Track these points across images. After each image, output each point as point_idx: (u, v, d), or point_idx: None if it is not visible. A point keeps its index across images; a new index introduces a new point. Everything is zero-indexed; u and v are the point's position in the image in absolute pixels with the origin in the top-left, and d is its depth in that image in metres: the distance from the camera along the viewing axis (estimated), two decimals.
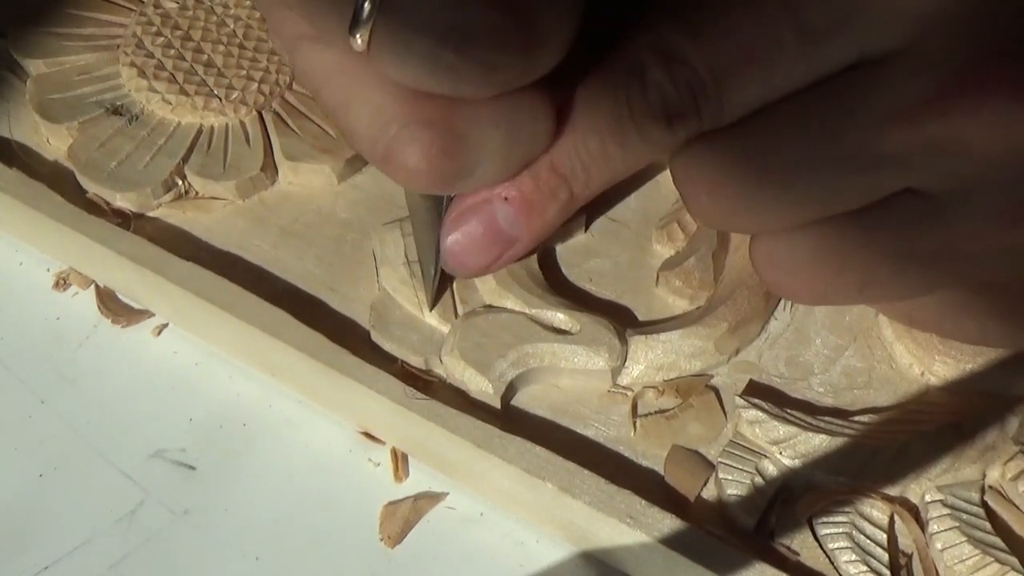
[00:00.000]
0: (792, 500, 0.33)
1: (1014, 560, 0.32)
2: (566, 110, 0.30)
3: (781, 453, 0.33)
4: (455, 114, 0.29)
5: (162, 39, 0.41)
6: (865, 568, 0.32)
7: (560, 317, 0.35)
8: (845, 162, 0.29)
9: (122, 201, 0.39)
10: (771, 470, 0.33)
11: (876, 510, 0.33)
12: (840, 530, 0.32)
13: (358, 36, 0.27)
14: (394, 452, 0.36)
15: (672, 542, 0.32)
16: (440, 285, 0.36)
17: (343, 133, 0.31)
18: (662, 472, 0.34)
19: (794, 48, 0.28)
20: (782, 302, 0.37)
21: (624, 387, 0.35)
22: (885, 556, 0.32)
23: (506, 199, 0.32)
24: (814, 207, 0.30)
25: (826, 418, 0.34)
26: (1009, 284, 0.31)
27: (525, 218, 0.32)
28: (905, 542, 0.33)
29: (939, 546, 0.32)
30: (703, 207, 0.31)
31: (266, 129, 0.40)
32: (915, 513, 0.33)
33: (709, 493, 0.34)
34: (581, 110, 0.30)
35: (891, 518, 0.33)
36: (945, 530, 0.32)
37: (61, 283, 0.40)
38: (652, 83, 0.29)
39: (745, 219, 0.31)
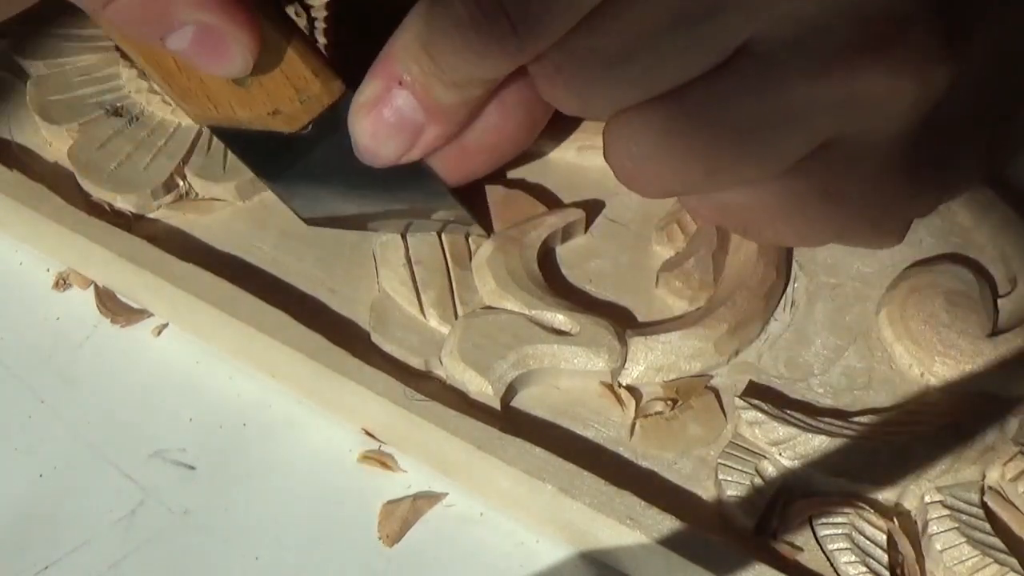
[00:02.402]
0: (792, 501, 0.33)
1: (1013, 561, 0.32)
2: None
3: (781, 454, 0.33)
4: None
5: None
6: (865, 569, 0.32)
7: (560, 318, 0.35)
8: (683, 20, 0.29)
9: (122, 202, 0.39)
10: (771, 471, 0.33)
11: (875, 515, 0.33)
12: (840, 531, 0.32)
13: None
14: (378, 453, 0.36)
15: (672, 543, 0.32)
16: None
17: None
18: (662, 473, 0.34)
19: None
20: (782, 303, 0.37)
21: (624, 388, 0.35)
22: (885, 557, 0.32)
23: (400, 83, 0.32)
24: (661, 71, 0.29)
25: (826, 419, 0.34)
26: (835, 168, 0.31)
27: (421, 100, 0.32)
28: (906, 543, 0.33)
29: (939, 547, 0.32)
30: (558, 95, 0.31)
31: None
32: (911, 522, 0.33)
33: (709, 494, 0.34)
34: (422, 15, 0.31)
35: (892, 520, 0.33)
36: (945, 531, 0.32)
37: (61, 283, 0.40)
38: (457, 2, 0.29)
39: (595, 97, 0.30)
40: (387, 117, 0.33)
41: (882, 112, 0.30)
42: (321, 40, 0.42)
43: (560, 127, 0.40)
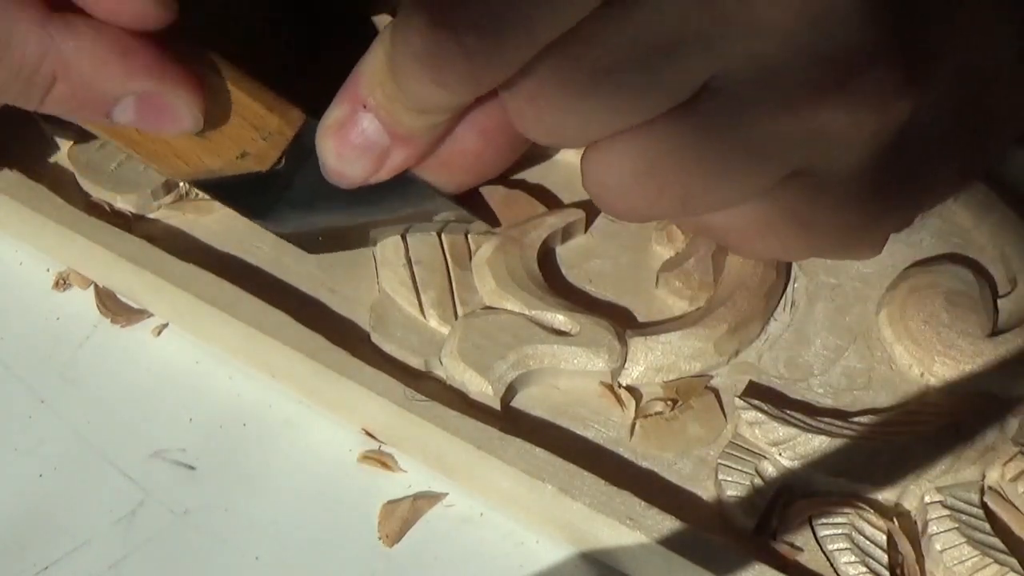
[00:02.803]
0: (792, 501, 0.33)
1: (1013, 561, 0.32)
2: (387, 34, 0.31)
3: (781, 454, 0.33)
4: None
5: None
6: (865, 569, 0.32)
7: (560, 318, 0.35)
8: (647, 58, 0.29)
9: (122, 202, 0.39)
10: (771, 471, 0.33)
11: (875, 515, 0.33)
12: (840, 531, 0.32)
13: None
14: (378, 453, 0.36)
15: (672, 543, 0.32)
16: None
17: None
18: (662, 473, 0.34)
19: None
20: (782, 303, 0.37)
21: (624, 388, 0.35)
22: (885, 557, 0.32)
23: (365, 107, 0.32)
24: (628, 108, 0.30)
25: (826, 419, 0.34)
26: (806, 188, 0.31)
27: (385, 123, 0.33)
28: (906, 544, 0.33)
29: (939, 547, 0.32)
30: (528, 123, 0.31)
31: None
32: (911, 522, 0.33)
33: (709, 494, 0.34)
34: (391, 43, 0.31)
35: (892, 520, 0.33)
36: (945, 531, 0.32)
37: (61, 283, 0.40)
38: (413, 31, 0.29)
39: (567, 130, 0.31)
40: (352, 139, 0.33)
41: (845, 144, 0.30)
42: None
43: None
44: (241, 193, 0.36)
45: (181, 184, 0.39)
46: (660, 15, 0.29)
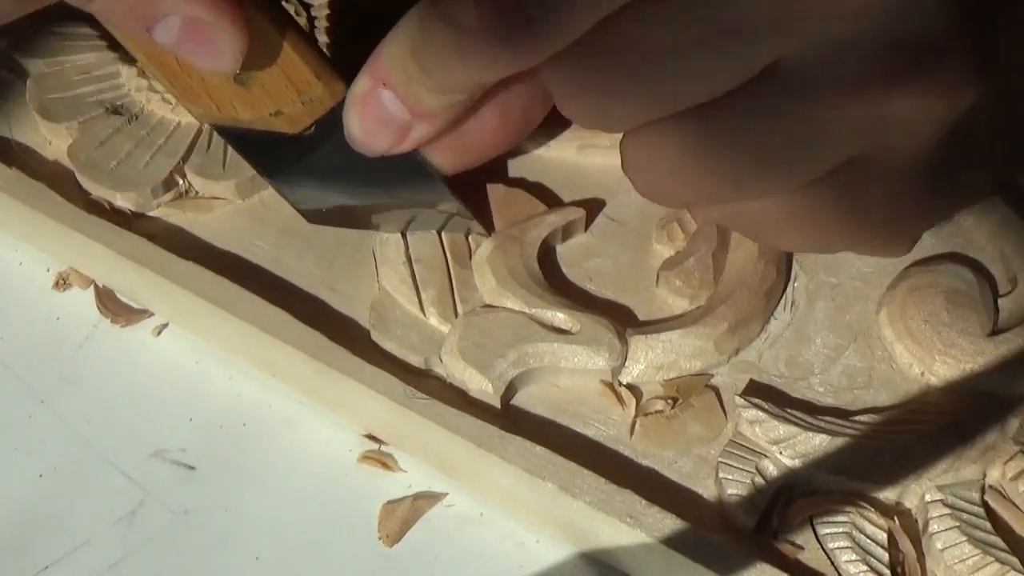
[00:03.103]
0: (792, 500, 0.33)
1: (1014, 560, 0.32)
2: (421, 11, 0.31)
3: (781, 453, 0.33)
4: None
5: None
6: (865, 568, 0.32)
7: (560, 316, 0.35)
8: (710, 38, 0.28)
9: (122, 200, 0.39)
10: (771, 470, 0.33)
11: (876, 514, 0.33)
12: (841, 530, 0.32)
13: None
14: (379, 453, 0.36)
15: (672, 542, 0.32)
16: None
17: None
18: (662, 472, 0.34)
19: None
20: (782, 301, 0.37)
21: (625, 386, 0.35)
22: (885, 556, 0.32)
23: (384, 85, 0.32)
24: (687, 88, 0.29)
25: (826, 418, 0.34)
26: (856, 178, 0.31)
27: (406, 102, 0.32)
28: (906, 542, 0.33)
29: (939, 546, 0.32)
30: (576, 109, 0.30)
31: None
32: (912, 521, 0.33)
33: (709, 493, 0.34)
34: (428, 15, 0.30)
35: (892, 519, 0.33)
36: (945, 530, 0.32)
37: (61, 283, 0.39)
38: None
39: (615, 111, 0.30)
40: (375, 113, 0.33)
41: (909, 131, 0.29)
42: (322, 39, 0.42)
43: (560, 126, 0.40)
44: (260, 148, 0.35)
45: (181, 182, 0.39)
46: None
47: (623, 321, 0.36)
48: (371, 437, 0.36)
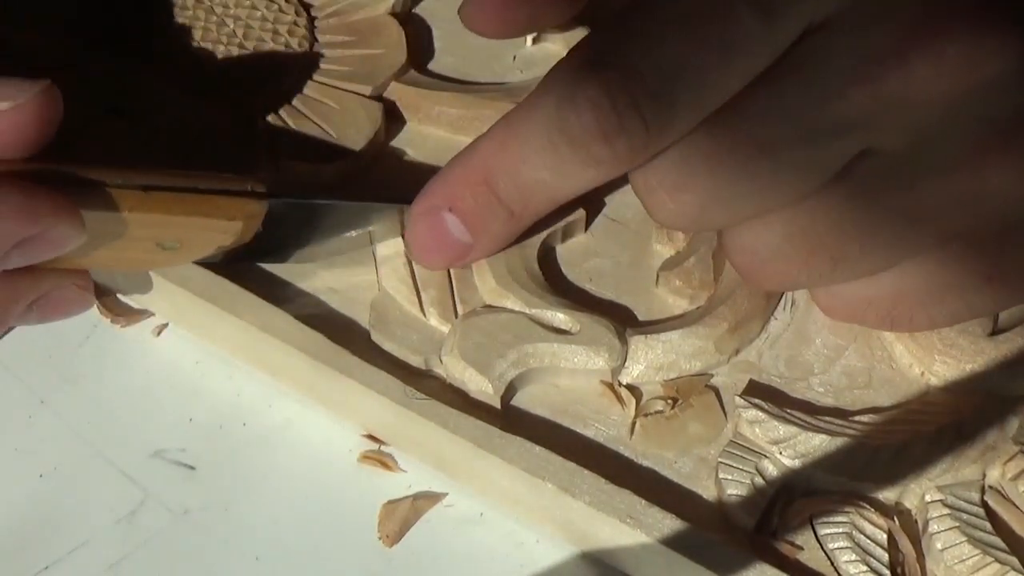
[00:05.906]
0: (792, 500, 0.33)
1: (1014, 560, 0.32)
2: (506, 130, 0.31)
3: (781, 453, 0.33)
4: None
5: None
6: (865, 568, 0.32)
7: (560, 317, 0.35)
8: (807, 137, 0.28)
9: None
10: (771, 470, 0.33)
11: (876, 514, 0.33)
12: (840, 530, 0.32)
13: None
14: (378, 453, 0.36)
15: (672, 542, 0.32)
16: None
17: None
18: (662, 472, 0.34)
19: (751, 23, 0.27)
20: (782, 302, 0.37)
21: (624, 387, 0.35)
22: (885, 556, 0.32)
23: (450, 210, 0.33)
24: (781, 191, 0.29)
25: (826, 418, 0.34)
26: (980, 240, 0.31)
27: (470, 229, 0.33)
28: (906, 542, 0.33)
29: (939, 546, 0.32)
30: (669, 214, 0.30)
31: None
32: (912, 521, 0.33)
33: (709, 493, 0.34)
34: (516, 132, 0.30)
35: (892, 519, 0.33)
36: (945, 530, 0.32)
37: None
38: (585, 102, 0.28)
39: (713, 216, 0.30)
40: (436, 235, 0.34)
41: (1012, 197, 0.29)
42: (322, 39, 0.42)
43: None
44: (232, 258, 0.35)
45: None
46: (821, 91, 0.28)
47: (623, 321, 0.36)
48: (371, 437, 0.36)
